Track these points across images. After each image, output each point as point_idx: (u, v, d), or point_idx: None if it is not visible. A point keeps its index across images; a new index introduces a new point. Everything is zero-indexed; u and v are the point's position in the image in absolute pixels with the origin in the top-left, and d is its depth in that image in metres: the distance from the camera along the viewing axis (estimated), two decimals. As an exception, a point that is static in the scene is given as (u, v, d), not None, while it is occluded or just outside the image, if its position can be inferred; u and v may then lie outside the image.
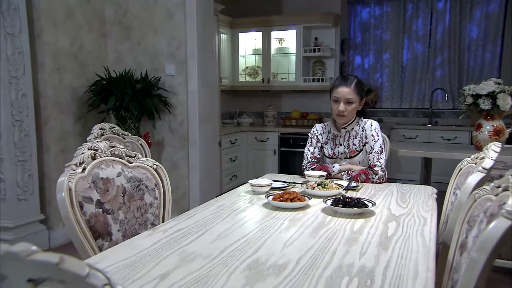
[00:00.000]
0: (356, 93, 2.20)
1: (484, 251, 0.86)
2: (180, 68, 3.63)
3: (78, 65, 3.57)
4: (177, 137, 3.70)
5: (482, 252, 0.86)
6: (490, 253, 0.86)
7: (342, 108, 2.19)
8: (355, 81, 2.22)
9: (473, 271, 0.86)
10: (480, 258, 0.86)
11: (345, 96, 2.19)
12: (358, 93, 2.20)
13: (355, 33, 6.26)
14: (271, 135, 5.08)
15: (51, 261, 0.49)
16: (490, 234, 0.87)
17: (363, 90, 2.26)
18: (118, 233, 1.54)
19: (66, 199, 1.37)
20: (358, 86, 2.22)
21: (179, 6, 3.58)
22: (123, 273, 1.12)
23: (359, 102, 2.23)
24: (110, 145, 1.64)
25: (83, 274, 0.49)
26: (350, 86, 2.20)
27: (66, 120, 3.47)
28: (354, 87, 2.20)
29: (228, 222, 1.55)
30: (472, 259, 0.87)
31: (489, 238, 0.87)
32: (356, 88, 2.20)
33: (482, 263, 0.86)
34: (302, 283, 1.05)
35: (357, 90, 2.20)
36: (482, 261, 0.86)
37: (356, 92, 2.20)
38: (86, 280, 0.49)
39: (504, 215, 0.90)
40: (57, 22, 3.39)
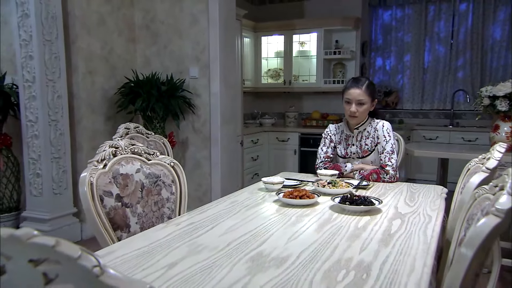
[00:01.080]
0: (367, 94, 2.19)
1: (472, 246, 0.86)
2: (203, 71, 3.69)
3: (108, 68, 3.69)
4: (200, 137, 3.76)
5: (470, 248, 0.86)
6: (477, 249, 0.85)
7: (354, 109, 2.19)
8: (367, 83, 2.22)
9: (461, 265, 0.86)
10: (468, 253, 0.86)
11: (356, 97, 2.19)
12: (369, 95, 2.20)
13: (377, 36, 6.19)
14: (292, 135, 5.08)
15: (48, 243, 0.54)
16: (479, 231, 0.87)
17: (374, 92, 2.25)
18: (136, 225, 1.60)
19: (87, 193, 1.44)
20: (369, 87, 2.21)
21: (203, 12, 3.65)
22: (135, 261, 1.17)
23: (370, 103, 2.23)
24: (130, 143, 1.70)
25: (75, 256, 0.53)
26: (362, 87, 2.19)
27: (97, 120, 3.60)
28: (365, 89, 2.19)
29: (238, 217, 1.59)
30: (460, 254, 0.87)
31: (478, 234, 0.87)
32: (368, 89, 2.20)
33: (469, 258, 0.85)
34: (301, 275, 1.07)
35: (368, 91, 2.20)
36: (469, 256, 0.86)
37: (368, 93, 2.19)
38: (78, 261, 0.53)
39: (494, 212, 0.89)
40: (90, 29, 3.52)
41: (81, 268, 0.53)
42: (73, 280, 0.55)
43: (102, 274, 0.53)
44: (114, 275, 0.54)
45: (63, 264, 0.54)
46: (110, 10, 3.69)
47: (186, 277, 1.07)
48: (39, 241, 0.54)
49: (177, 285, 1.02)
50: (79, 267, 0.53)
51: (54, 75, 3.28)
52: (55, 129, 3.29)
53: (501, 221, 0.89)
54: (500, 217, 0.89)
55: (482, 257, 0.93)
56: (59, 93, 3.31)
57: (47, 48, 3.23)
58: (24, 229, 0.56)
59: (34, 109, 3.23)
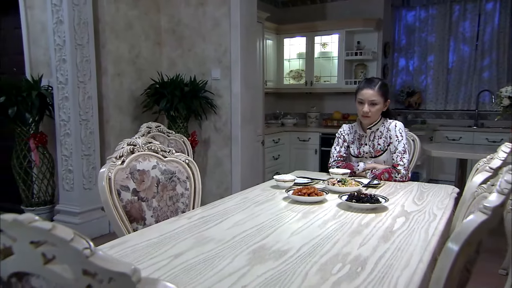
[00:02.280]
0: (380, 94, 2.19)
1: (458, 241, 0.87)
2: (225, 72, 3.75)
3: (135, 71, 3.81)
4: (221, 136, 3.83)
5: (456, 243, 0.87)
6: (463, 244, 0.86)
7: (367, 109, 2.20)
8: (379, 84, 2.22)
9: (447, 259, 0.87)
10: (454, 248, 0.86)
11: (369, 98, 2.19)
12: (382, 95, 2.20)
13: (400, 36, 6.10)
14: (313, 135, 5.08)
15: (45, 227, 0.59)
16: (465, 226, 0.88)
17: (387, 92, 2.24)
18: (151, 218, 1.67)
19: (105, 187, 1.52)
20: (382, 88, 2.21)
21: (225, 15, 3.71)
22: (145, 251, 1.23)
23: (383, 104, 2.22)
24: (148, 141, 1.77)
25: (68, 238, 0.58)
26: (374, 88, 2.20)
27: (124, 120, 3.72)
28: (378, 89, 2.19)
29: (246, 212, 1.63)
30: (447, 248, 0.88)
31: (464, 230, 0.87)
32: (380, 90, 2.20)
33: (455, 253, 0.86)
34: (297, 267, 1.10)
35: (381, 92, 2.20)
36: (455, 250, 0.86)
37: (380, 94, 2.19)
38: (70, 243, 0.58)
39: (482, 209, 0.90)
40: (118, 33, 3.65)
41: (73, 249, 0.58)
42: (67, 261, 0.60)
43: (92, 255, 0.58)
44: (103, 257, 0.59)
45: (58, 246, 0.59)
46: (137, 15, 3.81)
47: (189, 266, 1.12)
48: (38, 225, 0.60)
49: (180, 273, 1.08)
50: (72, 249, 0.58)
51: (85, 77, 3.42)
52: (85, 128, 3.43)
53: (488, 218, 0.89)
54: (487, 214, 0.89)
55: (469, 252, 0.93)
56: (90, 94, 3.45)
57: (79, 52, 3.37)
58: (26, 214, 0.62)
59: (66, 109, 3.38)
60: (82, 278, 0.59)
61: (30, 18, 3.89)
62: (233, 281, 1.02)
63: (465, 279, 1.02)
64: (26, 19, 3.89)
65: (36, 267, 0.63)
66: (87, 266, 0.58)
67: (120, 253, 1.22)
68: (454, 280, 0.91)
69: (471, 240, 0.88)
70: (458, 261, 0.88)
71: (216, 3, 3.74)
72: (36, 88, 3.50)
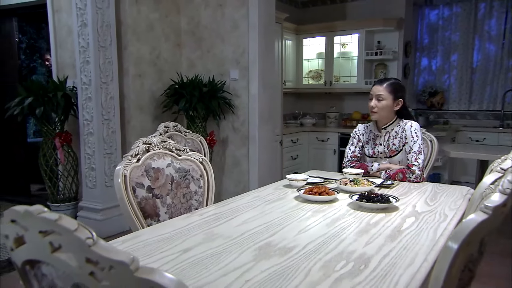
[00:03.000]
0: (387, 91, 2.21)
1: (457, 240, 0.87)
2: (243, 73, 3.79)
3: (156, 72, 3.90)
4: (239, 136, 3.87)
5: (455, 241, 0.87)
6: (461, 242, 0.86)
7: (373, 103, 2.23)
8: (390, 82, 2.25)
9: (446, 258, 0.88)
10: (453, 247, 0.87)
11: (376, 92, 2.24)
12: (390, 92, 2.21)
13: (422, 35, 6.00)
14: (332, 135, 5.06)
15: (52, 218, 0.64)
16: (465, 226, 0.88)
17: (398, 91, 2.23)
18: (165, 215, 1.72)
19: (121, 184, 1.58)
20: (391, 86, 2.23)
21: (244, 17, 3.75)
22: (156, 245, 1.28)
23: (391, 101, 2.22)
24: (163, 140, 1.82)
25: (72, 228, 0.63)
26: (383, 85, 2.24)
27: (145, 119, 3.81)
28: (386, 86, 2.22)
29: (257, 210, 1.66)
30: (446, 247, 0.88)
31: (463, 229, 0.88)
32: (389, 87, 2.22)
33: (454, 251, 0.87)
34: (301, 263, 1.13)
35: (389, 88, 2.22)
36: (454, 249, 0.87)
37: (388, 90, 2.21)
38: (74, 233, 0.63)
39: (483, 209, 0.90)
40: (140, 35, 3.74)
41: (77, 239, 0.63)
42: (72, 249, 0.65)
43: (94, 244, 0.62)
44: (104, 246, 0.63)
45: (63, 235, 0.64)
46: (158, 18, 3.90)
47: (196, 260, 1.16)
48: (46, 216, 0.65)
49: (187, 266, 1.12)
50: (75, 238, 0.63)
51: (107, 78, 3.52)
52: (107, 128, 3.54)
53: (488, 217, 0.89)
54: (488, 214, 0.89)
55: (471, 252, 0.94)
56: (112, 95, 3.55)
57: (102, 53, 3.48)
58: (35, 206, 0.67)
59: (89, 109, 3.49)
60: (85, 265, 0.64)
61: (57, 22, 4.03)
62: (237, 275, 1.06)
63: (467, 278, 1.02)
64: (53, 23, 4.04)
65: (45, 255, 0.68)
66: (90, 255, 0.63)
67: (132, 247, 1.27)
68: (454, 279, 0.91)
69: (470, 239, 0.88)
70: (457, 260, 0.89)
71: (235, 5, 3.79)
72: (62, 89, 3.63)
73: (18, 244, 0.73)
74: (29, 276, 0.79)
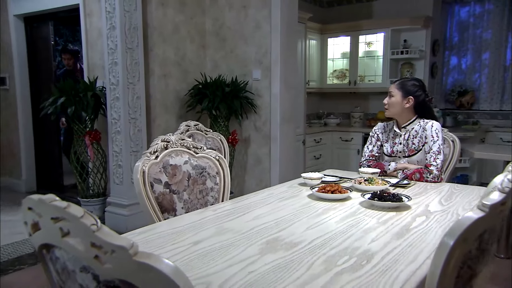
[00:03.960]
0: (397, 88, 2.27)
1: (452, 236, 0.88)
2: (265, 73, 3.84)
3: (181, 72, 4.00)
4: (261, 135, 3.92)
5: (451, 237, 0.88)
6: (457, 239, 0.87)
7: (385, 100, 2.31)
8: (402, 80, 2.33)
9: (441, 254, 0.89)
10: (448, 242, 0.88)
11: (388, 90, 2.31)
12: (398, 89, 2.26)
13: (452, 34, 5.85)
14: (356, 135, 5.03)
15: (61, 205, 0.71)
16: (461, 222, 0.89)
17: (407, 88, 2.25)
18: (182, 210, 1.79)
19: (140, 180, 1.66)
20: (401, 83, 2.29)
21: (266, 18, 3.79)
22: (169, 237, 1.35)
23: (400, 98, 2.24)
24: (181, 138, 1.90)
25: (79, 215, 0.69)
26: (395, 82, 2.32)
27: (170, 119, 3.93)
28: (396, 83, 2.29)
29: (269, 207, 1.70)
30: (441, 243, 0.90)
31: (459, 226, 0.89)
32: (398, 84, 2.28)
33: (449, 247, 0.88)
34: (305, 257, 1.16)
35: (398, 86, 2.27)
36: (449, 244, 0.88)
37: (397, 87, 2.27)
38: (81, 219, 0.69)
39: (480, 207, 0.91)
40: (165, 37, 3.85)
41: (83, 225, 0.69)
42: (79, 234, 0.72)
43: (98, 230, 0.69)
44: (107, 232, 0.69)
45: (71, 221, 0.71)
46: (183, 20, 4.00)
47: (205, 252, 1.21)
48: (57, 204, 0.72)
49: (195, 257, 1.17)
50: (82, 224, 0.69)
51: (134, 79, 3.65)
52: (134, 126, 3.67)
53: (484, 215, 0.90)
54: (484, 212, 0.90)
55: (469, 249, 0.94)
56: (138, 95, 3.68)
57: (129, 55, 3.61)
58: (48, 195, 0.74)
59: (117, 108, 3.63)
60: (91, 249, 0.70)
61: (89, 25, 4.21)
62: (242, 267, 1.10)
63: (467, 276, 1.02)
64: (85, 26, 4.22)
65: (57, 240, 0.75)
66: (94, 240, 0.69)
67: (147, 238, 1.34)
68: (451, 275, 0.92)
69: (466, 236, 0.89)
70: (453, 256, 0.90)
71: (258, 6, 3.84)
72: (91, 89, 3.79)
73: (35, 229, 0.80)
74: (46, 260, 0.87)
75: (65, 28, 6.78)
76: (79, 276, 0.79)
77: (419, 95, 2.24)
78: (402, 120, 2.30)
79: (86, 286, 0.79)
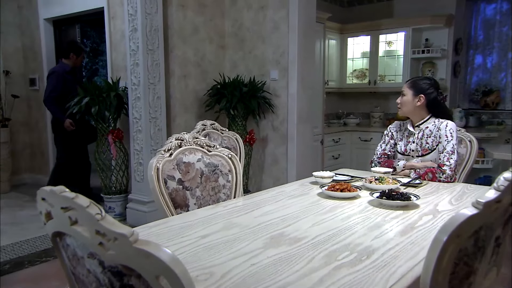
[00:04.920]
0: (407, 87, 2.30)
1: (445, 232, 0.90)
2: (282, 73, 3.87)
3: (200, 72, 4.08)
4: (278, 134, 3.96)
5: (444, 233, 0.90)
6: (450, 235, 0.89)
7: (398, 99, 2.33)
8: (414, 79, 2.36)
9: (435, 249, 0.91)
10: (441, 238, 0.90)
11: (401, 89, 2.33)
12: (409, 87, 2.28)
13: (477, 32, 5.71)
14: (375, 135, 4.99)
15: (70, 196, 0.77)
16: (454, 219, 0.91)
17: (417, 86, 2.26)
18: (194, 206, 1.85)
19: (154, 176, 1.73)
20: (411, 82, 2.31)
21: (284, 18, 3.83)
22: (179, 231, 1.41)
23: (411, 96, 2.26)
24: (195, 136, 1.96)
25: (85, 205, 0.75)
26: (407, 82, 2.34)
27: (189, 118, 4.01)
28: (409, 83, 2.32)
29: (278, 204, 1.74)
30: (435, 239, 0.92)
31: (452, 222, 0.90)
32: (409, 83, 2.31)
33: (442, 243, 0.90)
34: (307, 252, 1.20)
35: (409, 84, 2.30)
36: (442, 240, 0.90)
37: (408, 86, 2.30)
38: (86, 209, 0.75)
39: (474, 204, 0.92)
40: (185, 38, 3.94)
41: (88, 214, 0.75)
42: (85, 223, 0.78)
43: (102, 219, 0.75)
44: (110, 221, 0.75)
45: (78, 211, 0.77)
46: (203, 21, 4.08)
47: (211, 245, 1.27)
48: (66, 194, 0.78)
49: (201, 250, 1.23)
50: (87, 213, 0.75)
51: (155, 79, 3.76)
52: (154, 125, 3.77)
53: (478, 212, 0.91)
54: (478, 209, 0.91)
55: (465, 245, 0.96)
56: (158, 95, 3.78)
57: (150, 56, 3.71)
58: (58, 187, 0.80)
59: (138, 108, 3.75)
60: (95, 237, 0.76)
61: (113, 27, 4.35)
62: (245, 259, 1.15)
63: (464, 273, 1.03)
64: (109, 28, 4.37)
65: (67, 228, 0.82)
66: (98, 228, 0.75)
67: (158, 232, 1.41)
68: (445, 271, 0.94)
69: (459, 232, 0.91)
70: (446, 252, 0.91)
71: (276, 7, 3.88)
72: (114, 89, 3.92)
73: (48, 218, 0.87)
74: (59, 247, 0.94)
75: (92, 30, 7.00)
76: (87, 261, 0.85)
77: (430, 93, 2.23)
78: (415, 119, 2.30)
79: (93, 271, 0.85)
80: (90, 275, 0.87)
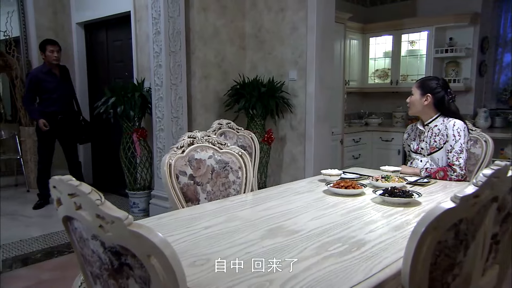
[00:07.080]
0: (416, 86, 2.34)
1: (423, 224, 0.95)
2: (301, 73, 3.93)
3: (220, 73, 4.20)
4: (296, 134, 4.01)
5: (421, 225, 0.95)
6: (427, 226, 0.94)
7: (407, 99, 2.37)
8: (422, 78, 2.41)
9: (413, 240, 0.96)
10: (419, 230, 0.95)
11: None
12: (417, 87, 2.32)
13: (506, 30, 5.55)
14: (396, 136, 4.96)
15: (75, 184, 0.88)
16: (432, 212, 0.96)
17: (424, 86, 2.29)
18: (204, 200, 1.95)
19: (166, 171, 1.84)
20: (421, 82, 2.35)
21: (303, 20, 3.88)
22: (185, 222, 1.50)
23: (418, 95, 2.30)
24: (207, 134, 2.06)
25: (87, 192, 0.86)
26: (416, 82, 2.38)
27: (209, 118, 4.13)
28: (417, 82, 2.36)
29: (283, 199, 1.81)
30: (413, 231, 0.97)
31: (429, 215, 0.95)
32: (417, 83, 2.35)
33: (420, 234, 0.95)
34: (300, 243, 1.27)
35: (417, 84, 2.34)
36: (420, 232, 0.95)
37: (416, 86, 2.34)
38: (88, 195, 0.86)
39: (452, 198, 0.97)
40: (206, 40, 4.06)
41: (89, 199, 0.86)
42: (88, 208, 0.88)
43: (101, 204, 0.85)
44: (109, 206, 0.85)
45: (82, 197, 0.88)
46: (224, 23, 4.19)
47: (212, 235, 1.36)
48: (72, 182, 0.89)
49: (202, 239, 1.32)
50: (88, 199, 0.86)
51: (177, 80, 3.90)
52: (176, 124, 3.91)
53: (455, 206, 0.96)
54: (455, 203, 0.96)
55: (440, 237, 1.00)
56: (180, 95, 3.92)
57: (172, 58, 3.85)
58: (66, 176, 0.91)
59: (161, 108, 3.90)
60: (96, 220, 0.87)
61: (138, 30, 4.53)
62: (241, 248, 1.23)
63: (447, 264, 1.07)
64: (135, 31, 4.55)
65: (73, 212, 0.93)
66: (98, 212, 0.85)
67: (165, 222, 1.51)
68: (424, 261, 0.98)
69: (436, 224, 0.96)
70: (424, 243, 0.97)
71: (295, 8, 3.93)
72: (139, 90, 4.09)
73: (59, 204, 0.98)
74: (70, 230, 1.05)
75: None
76: (91, 243, 0.96)
77: (437, 93, 2.24)
78: (425, 118, 2.34)
79: (96, 251, 0.96)
80: (94, 255, 0.97)
